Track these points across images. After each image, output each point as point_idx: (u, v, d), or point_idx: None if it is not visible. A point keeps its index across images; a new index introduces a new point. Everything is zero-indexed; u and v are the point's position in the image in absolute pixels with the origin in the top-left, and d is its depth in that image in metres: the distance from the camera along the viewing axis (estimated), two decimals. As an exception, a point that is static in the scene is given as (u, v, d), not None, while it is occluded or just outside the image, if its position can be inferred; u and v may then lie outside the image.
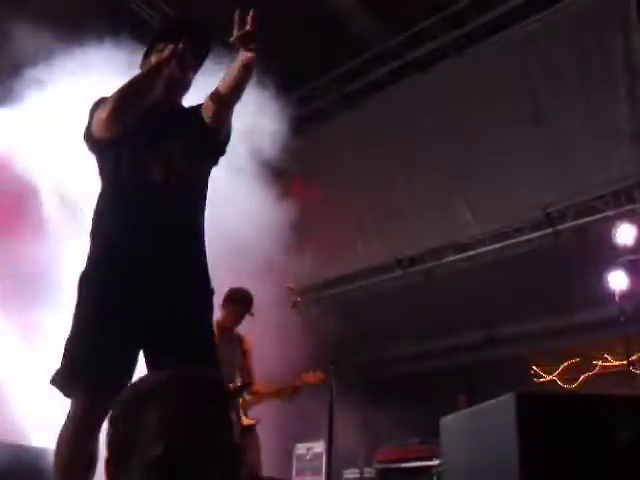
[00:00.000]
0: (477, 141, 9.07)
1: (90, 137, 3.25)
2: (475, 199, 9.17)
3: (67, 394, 2.88)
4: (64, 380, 2.89)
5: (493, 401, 3.00)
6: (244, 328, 6.26)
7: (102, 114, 3.12)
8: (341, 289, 10.59)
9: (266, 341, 7.55)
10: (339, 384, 5.32)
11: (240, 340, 6.18)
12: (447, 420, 3.60)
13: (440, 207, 9.47)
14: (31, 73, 7.23)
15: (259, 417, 6.12)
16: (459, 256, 9.54)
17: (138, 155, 3.21)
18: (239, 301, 6.02)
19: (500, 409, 2.88)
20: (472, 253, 9.44)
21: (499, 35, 9.20)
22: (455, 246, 9.54)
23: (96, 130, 3.20)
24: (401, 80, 10.18)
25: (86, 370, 2.83)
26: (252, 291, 6.15)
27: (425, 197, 9.62)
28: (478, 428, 3.23)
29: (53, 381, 2.91)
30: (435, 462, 7.38)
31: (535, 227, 8.89)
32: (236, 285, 6.11)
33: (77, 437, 2.77)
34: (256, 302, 6.18)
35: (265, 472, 6.12)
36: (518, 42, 9.00)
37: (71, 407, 2.85)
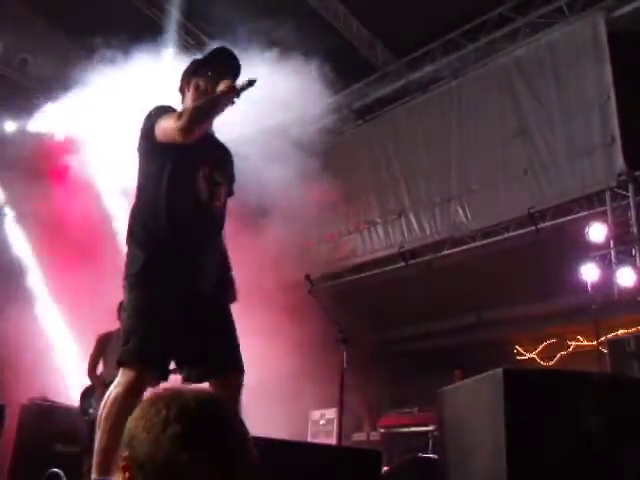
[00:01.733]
0: (470, 151, 9.09)
1: (153, 139, 3.16)
2: (468, 201, 9.18)
3: (122, 365, 2.97)
4: (125, 354, 2.98)
5: (482, 375, 3.02)
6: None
7: (176, 123, 3.01)
8: (352, 277, 10.60)
9: (284, 320, 7.60)
10: (349, 360, 5.33)
11: None
12: (443, 391, 3.60)
13: (438, 208, 9.50)
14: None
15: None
16: (454, 250, 9.55)
17: (191, 171, 3.20)
18: None
19: (489, 382, 2.90)
20: (465, 247, 9.44)
21: (489, 59, 9.22)
22: (451, 241, 9.55)
23: (163, 135, 3.11)
24: (404, 98, 10.24)
25: (140, 349, 2.95)
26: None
27: (425, 199, 9.66)
28: (470, 399, 3.23)
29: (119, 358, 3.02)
30: (431, 428, 7.41)
31: (520, 225, 8.88)
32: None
33: (127, 398, 2.83)
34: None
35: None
36: (506, 66, 9.02)
37: (122, 376, 2.94)
